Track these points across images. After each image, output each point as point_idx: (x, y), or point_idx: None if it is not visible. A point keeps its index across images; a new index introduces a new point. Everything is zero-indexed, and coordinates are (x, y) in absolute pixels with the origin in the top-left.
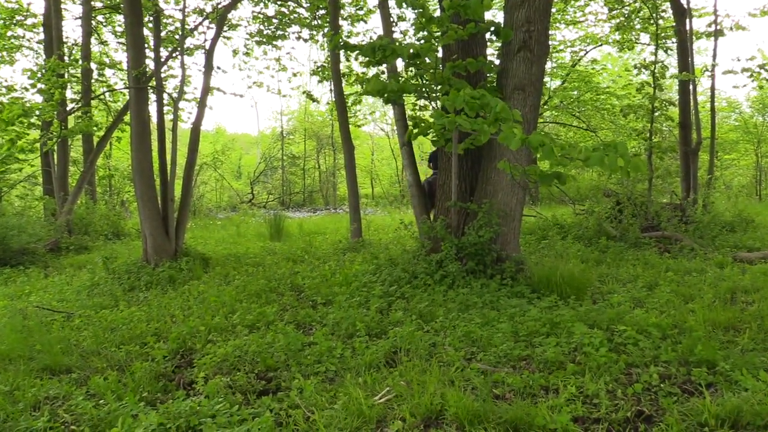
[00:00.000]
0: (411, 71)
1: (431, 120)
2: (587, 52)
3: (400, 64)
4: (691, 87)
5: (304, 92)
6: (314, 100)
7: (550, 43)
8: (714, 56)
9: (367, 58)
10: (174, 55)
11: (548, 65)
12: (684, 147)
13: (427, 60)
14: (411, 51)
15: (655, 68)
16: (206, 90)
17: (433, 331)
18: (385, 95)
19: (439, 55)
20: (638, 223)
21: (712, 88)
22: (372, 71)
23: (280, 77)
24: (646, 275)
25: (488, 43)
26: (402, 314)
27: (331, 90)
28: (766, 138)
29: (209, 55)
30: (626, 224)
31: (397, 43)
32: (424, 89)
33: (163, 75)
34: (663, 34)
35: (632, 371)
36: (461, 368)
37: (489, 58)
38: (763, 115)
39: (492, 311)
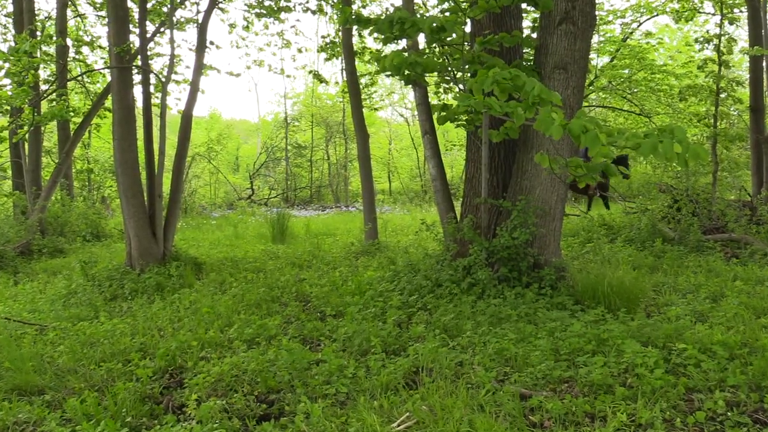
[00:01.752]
0: (435, 49)
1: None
2: (641, 24)
3: (422, 40)
4: (764, 64)
5: (311, 72)
6: (323, 81)
7: (596, 13)
8: None
9: (384, 34)
10: (162, 30)
11: (594, 39)
12: (755, 134)
13: (454, 35)
14: (434, 24)
15: (720, 42)
16: (199, 70)
17: (460, 348)
18: (405, 73)
19: (467, 29)
20: (700, 223)
21: None
22: (389, 49)
23: (283, 55)
24: (709, 285)
25: (524, 15)
26: (424, 328)
27: (342, 69)
28: None
29: (202, 29)
30: (685, 225)
31: (419, 16)
32: (450, 68)
33: (149, 53)
34: (730, 2)
35: (693, 397)
36: (492, 391)
37: (525, 32)
38: None
39: (528, 325)
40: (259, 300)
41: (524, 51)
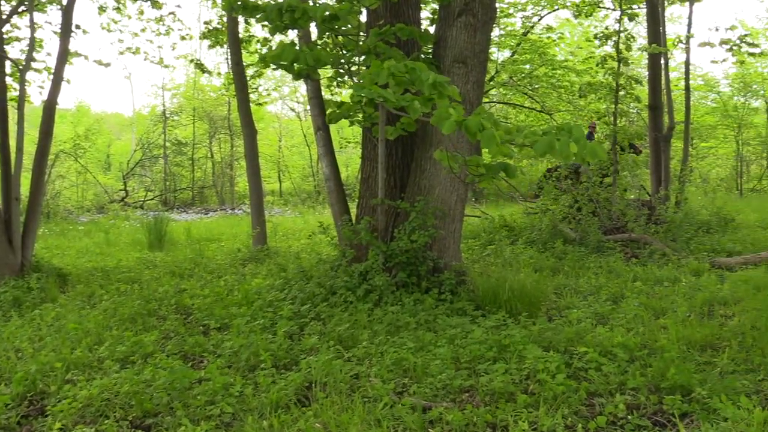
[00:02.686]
0: (328, 39)
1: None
2: (541, 18)
3: (314, 30)
4: (662, 62)
5: (192, 61)
6: (206, 71)
7: (497, 5)
8: (689, 25)
9: (272, 23)
10: (20, 10)
11: (495, 33)
12: (654, 133)
13: (349, 26)
14: (327, 13)
15: (619, 39)
16: (63, 57)
17: (356, 360)
18: (295, 67)
19: (363, 19)
20: (600, 223)
21: (687, 64)
22: (278, 39)
23: (162, 42)
24: (610, 286)
25: (423, 6)
26: (317, 339)
27: (227, 59)
28: (748, 122)
29: (67, 12)
30: (586, 225)
31: (311, 4)
32: (344, 61)
33: (5, 37)
34: None
35: (595, 401)
36: (390, 404)
37: (424, 23)
38: (744, 96)
39: (428, 333)
40: (134, 314)
41: (422, 45)
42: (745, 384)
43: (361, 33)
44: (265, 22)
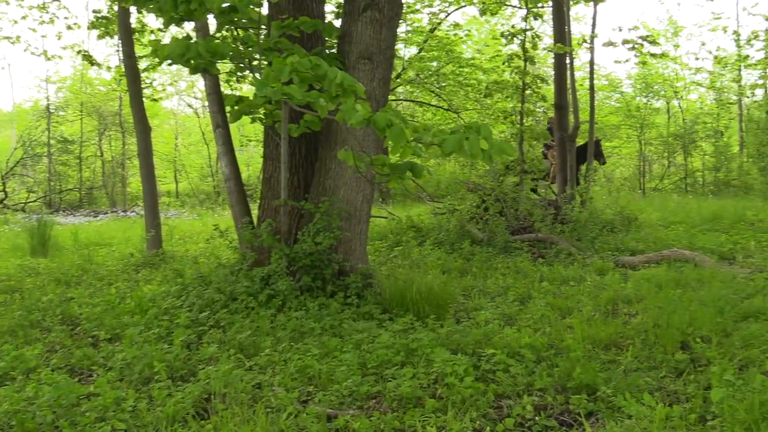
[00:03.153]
0: (228, 32)
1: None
2: (449, 14)
3: (213, 23)
4: (567, 61)
5: (79, 53)
6: (95, 64)
7: (403, 1)
8: (593, 25)
9: (166, 15)
10: None
11: (402, 29)
12: (560, 132)
13: (249, 19)
14: (225, 5)
15: (525, 37)
16: None
17: (258, 368)
18: (191, 61)
19: (264, 11)
20: (507, 223)
21: (592, 63)
22: (174, 31)
23: (46, 31)
24: (517, 286)
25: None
26: (216, 348)
27: (118, 51)
28: (650, 122)
29: None
30: (493, 225)
31: None
32: (244, 55)
33: None
34: None
35: (503, 403)
36: (295, 414)
37: (329, 17)
38: (646, 96)
39: (333, 339)
40: (14, 326)
41: (326, 40)
42: (648, 381)
43: (263, 26)
44: (159, 13)
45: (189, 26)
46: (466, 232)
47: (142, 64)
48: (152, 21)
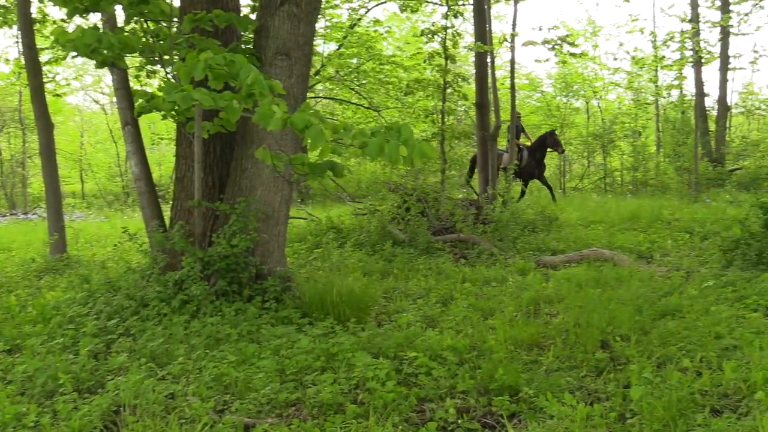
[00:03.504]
0: (137, 25)
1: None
2: (369, 10)
3: (121, 14)
4: (488, 60)
5: None
6: None
7: None
8: (514, 24)
9: (70, 5)
10: None
11: (321, 24)
12: (481, 131)
13: (161, 10)
14: None
15: (446, 35)
16: None
17: (171, 378)
18: (99, 54)
19: (177, 3)
20: (429, 223)
21: (512, 62)
22: (78, 22)
23: None
24: (439, 287)
25: None
26: (126, 357)
27: (17, 42)
28: (570, 122)
29: None
30: (415, 226)
31: None
32: (154, 49)
33: None
34: None
35: (425, 407)
36: (210, 424)
37: (245, 11)
38: (566, 96)
39: (251, 345)
40: None
41: (242, 34)
42: (569, 381)
43: (175, 19)
44: (62, 3)
45: (95, 17)
46: (388, 233)
47: (44, 57)
48: (55, 11)
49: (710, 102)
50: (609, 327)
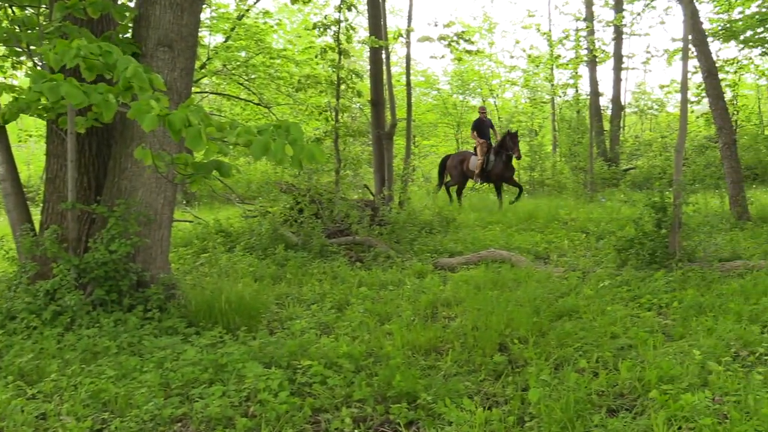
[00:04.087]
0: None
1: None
2: (258, 1)
3: None
4: (384, 56)
5: None
6: None
7: None
8: (409, 19)
9: None
10: None
11: (206, 14)
12: (377, 130)
13: None
14: None
15: (339, 29)
16: None
17: (43, 396)
18: None
19: None
20: (323, 226)
21: (408, 58)
22: None
23: None
24: (335, 292)
25: None
26: None
27: None
28: (467, 120)
29: None
30: (308, 228)
31: None
32: (21, 39)
33: None
34: None
35: (320, 418)
36: None
37: None
38: (462, 94)
39: (132, 358)
40: None
41: (119, 24)
42: (467, 385)
43: (44, 6)
44: None
45: None
46: (280, 236)
47: None
48: None
49: (605, 101)
50: (507, 329)
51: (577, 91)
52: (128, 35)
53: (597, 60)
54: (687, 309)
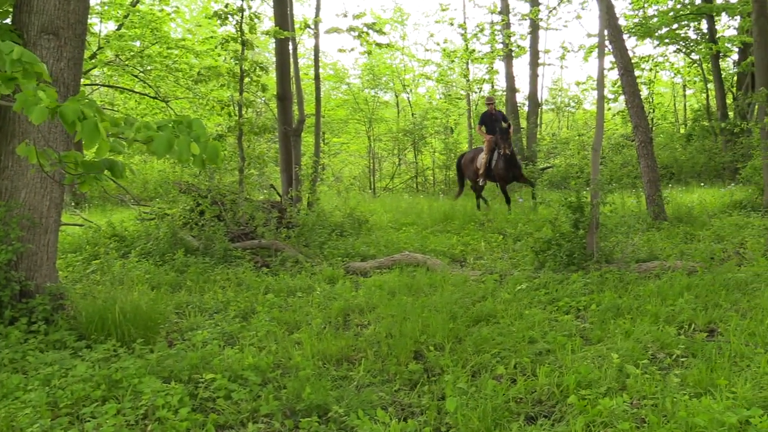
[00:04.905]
0: None
1: None
2: None
3: None
4: (290, 47)
5: None
6: None
7: None
8: (318, 9)
9: None
10: None
11: (96, 0)
12: (284, 126)
13: None
14: None
15: (242, 18)
16: None
17: None
18: None
19: None
20: (227, 229)
21: (316, 50)
22: None
23: None
24: (239, 300)
25: None
26: None
27: None
28: (378, 117)
29: None
30: (210, 232)
31: None
32: None
33: None
34: None
35: None
36: None
37: None
38: (374, 88)
39: (15, 375)
40: None
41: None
42: (381, 396)
43: None
44: None
45: None
46: (179, 240)
47: None
48: None
49: (521, 98)
50: (422, 336)
51: (493, 86)
52: (8, 21)
53: (513, 54)
54: (605, 311)
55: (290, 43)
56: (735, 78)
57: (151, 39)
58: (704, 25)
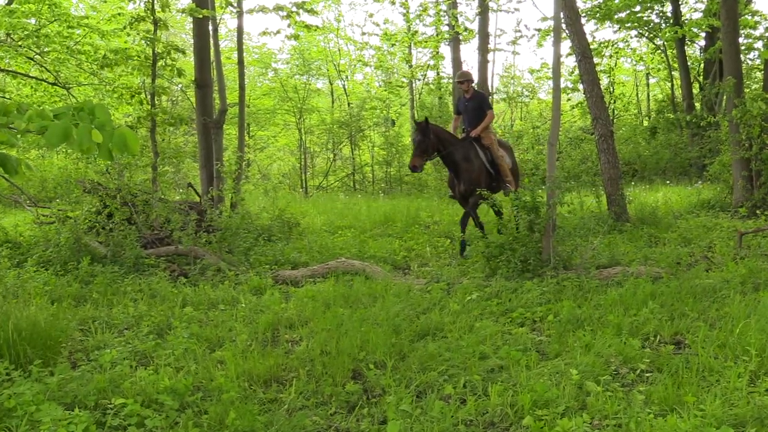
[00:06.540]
0: None
1: None
2: None
3: None
4: (210, 28)
5: None
6: None
7: None
8: None
9: None
10: None
11: None
12: (203, 117)
13: None
14: None
15: None
16: None
17: None
18: None
19: None
20: (139, 233)
21: (240, 32)
22: None
23: None
24: (153, 314)
25: None
26: None
27: None
28: (310, 107)
29: None
30: (119, 237)
31: None
32: None
33: None
34: None
35: None
36: None
37: None
38: (304, 74)
39: None
40: None
41: None
42: (315, 420)
43: None
44: None
45: None
46: (84, 247)
47: None
48: None
49: None
50: (362, 353)
51: (438, 73)
52: None
53: (460, 38)
54: (563, 323)
55: (210, 23)
56: (702, 66)
57: (48, 16)
58: (668, 8)
